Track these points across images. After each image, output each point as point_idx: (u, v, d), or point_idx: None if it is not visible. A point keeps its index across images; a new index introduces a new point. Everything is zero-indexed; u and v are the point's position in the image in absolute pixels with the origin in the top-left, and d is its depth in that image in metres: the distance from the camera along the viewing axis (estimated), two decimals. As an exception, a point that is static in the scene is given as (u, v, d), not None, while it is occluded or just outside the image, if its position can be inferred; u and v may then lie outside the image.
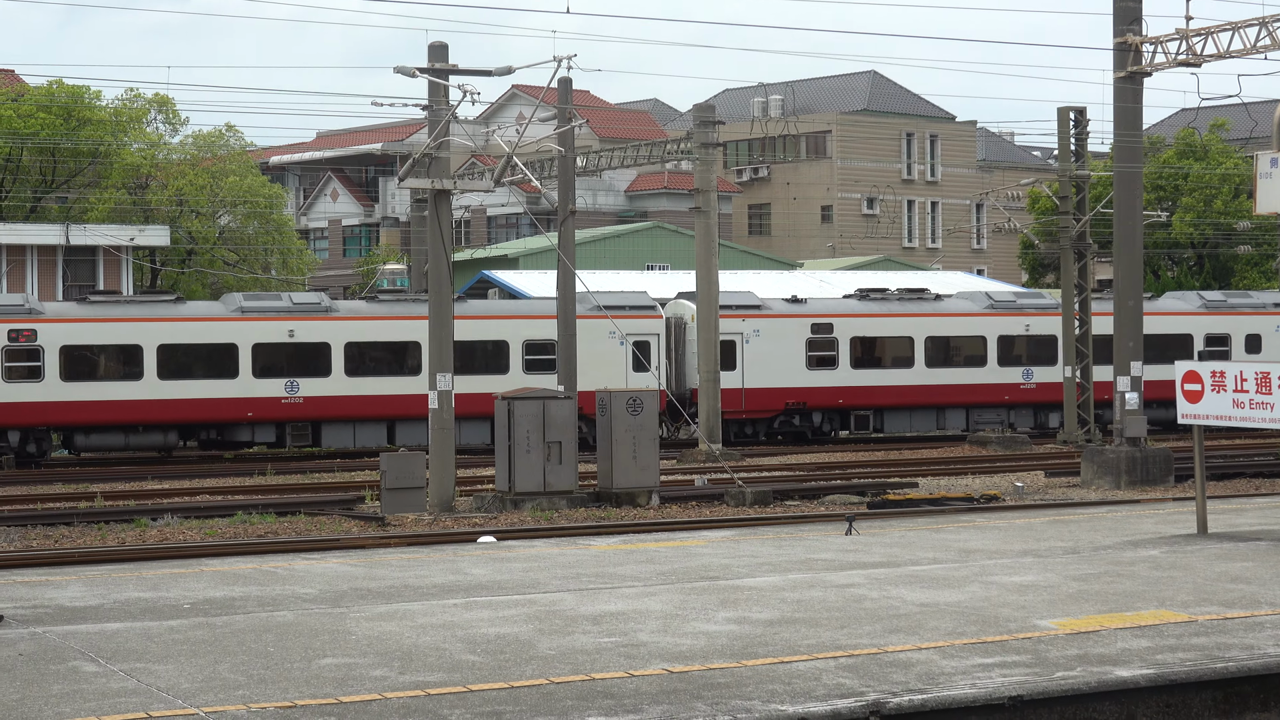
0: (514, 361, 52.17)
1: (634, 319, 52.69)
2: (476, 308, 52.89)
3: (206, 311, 50.20)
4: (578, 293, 52.64)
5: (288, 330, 49.49)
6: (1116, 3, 38.83)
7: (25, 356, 47.53)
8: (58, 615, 17.05)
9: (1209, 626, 15.69)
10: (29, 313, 47.69)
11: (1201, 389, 23.71)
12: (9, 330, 47.32)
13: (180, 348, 48.99)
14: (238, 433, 50.06)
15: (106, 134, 66.50)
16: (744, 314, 54.68)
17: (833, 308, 56.63)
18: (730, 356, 53.95)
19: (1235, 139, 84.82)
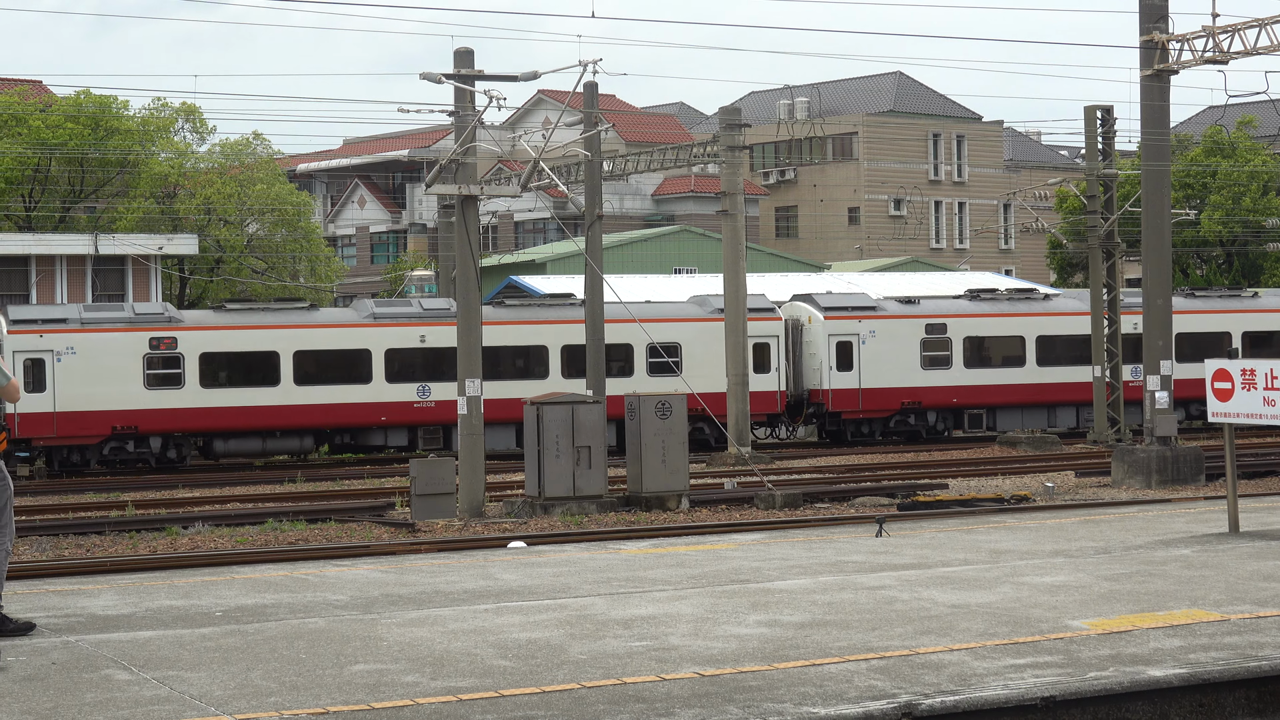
0: (638, 364, 53.26)
1: (755, 321, 53.36)
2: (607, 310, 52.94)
3: (340, 318, 51.49)
4: (700, 295, 53.92)
5: (419, 335, 50.49)
6: (1143, 1, 38.74)
7: (166, 364, 48.79)
8: (90, 624, 17.08)
9: (1242, 625, 15.62)
10: (169, 321, 48.94)
11: (1232, 387, 23.63)
12: (150, 338, 48.62)
13: (315, 354, 50.02)
14: (370, 436, 51.02)
15: (134, 143, 66.72)
16: (860, 315, 55.65)
17: (946, 308, 57.37)
18: (847, 357, 55.12)
19: (1263, 136, 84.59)
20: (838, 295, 58.04)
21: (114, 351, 48.22)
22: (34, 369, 47.71)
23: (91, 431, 48.31)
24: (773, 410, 55.03)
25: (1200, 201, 79.53)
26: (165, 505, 37.59)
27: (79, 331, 48.35)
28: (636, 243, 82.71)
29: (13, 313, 48.92)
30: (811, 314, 55.77)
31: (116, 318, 49.02)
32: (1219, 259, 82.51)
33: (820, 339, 55.47)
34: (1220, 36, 37.66)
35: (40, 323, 48.27)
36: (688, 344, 53.12)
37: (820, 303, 56.38)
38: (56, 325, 48.12)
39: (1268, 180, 78.22)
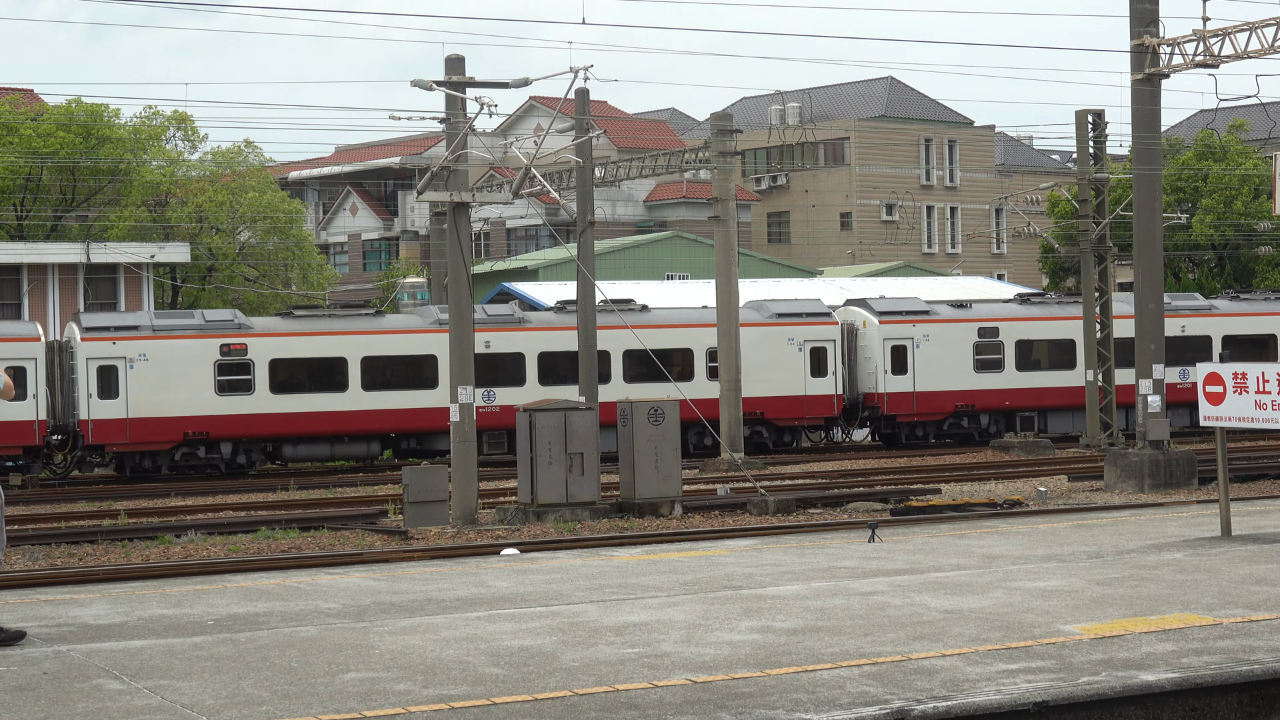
0: (699, 369, 53.98)
1: (811, 325, 54.73)
2: (660, 316, 54.37)
3: (406, 324, 52.04)
4: (757, 301, 54.79)
5: (484, 341, 50.37)
6: (1133, 5, 38.77)
7: (236, 370, 49.29)
8: (81, 633, 17.06)
9: (1234, 629, 15.63)
10: (238, 327, 49.49)
11: (1223, 390, 23.64)
12: (221, 345, 49.18)
13: (382, 360, 50.49)
14: (436, 441, 51.07)
15: (126, 152, 66.68)
16: (914, 319, 56.30)
17: (997, 312, 57.95)
18: (902, 361, 55.75)
19: (1254, 139, 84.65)
20: (892, 300, 58.78)
21: (186, 358, 48.85)
22: (107, 375, 48.30)
23: (164, 437, 48.91)
24: (829, 413, 55.81)
25: (1192, 205, 79.58)
26: (158, 514, 37.56)
27: (151, 339, 48.89)
28: (629, 249, 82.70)
29: (85, 320, 49.48)
30: (866, 318, 56.44)
31: (188, 325, 49.62)
32: (1211, 263, 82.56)
33: (875, 343, 56.09)
34: (1211, 40, 37.68)
35: (113, 330, 48.73)
36: (746, 348, 53.28)
37: (875, 307, 57.10)
38: (129, 332, 48.57)
39: (1259, 184, 78.25)
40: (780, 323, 54.25)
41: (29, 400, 47.06)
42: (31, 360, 47.45)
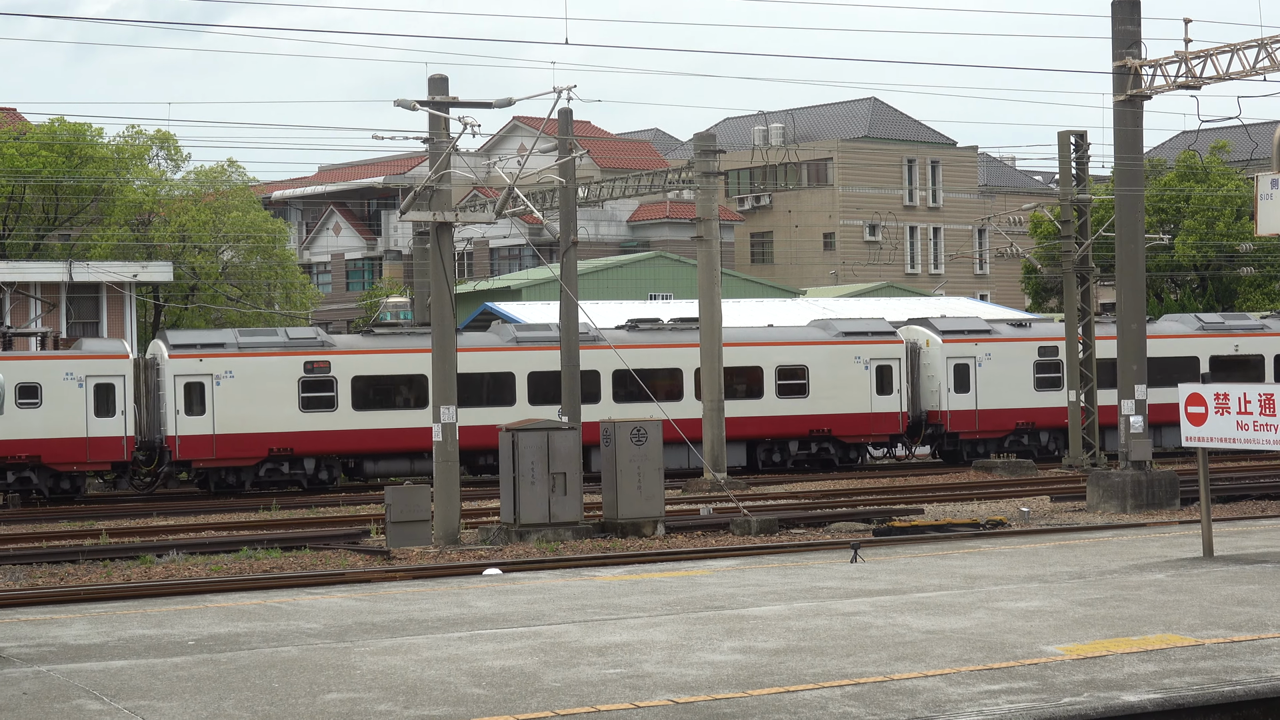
0: (768, 387, 54.57)
1: (876, 344, 55.47)
2: (732, 335, 54.43)
3: (483, 342, 52.50)
4: (823, 319, 55.67)
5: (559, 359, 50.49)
6: (1115, 26, 38.86)
7: (320, 387, 49.76)
8: (62, 653, 17.02)
9: (1216, 650, 15.64)
10: (322, 345, 49.98)
11: (1205, 411, 23.68)
12: (305, 362, 49.78)
13: (461, 377, 49.69)
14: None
15: (109, 171, 66.60)
16: (976, 338, 57.00)
17: (1057, 331, 58.25)
18: (965, 379, 56.48)
19: (1236, 161, 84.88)
20: (954, 319, 59.59)
21: (271, 375, 49.36)
22: (194, 392, 48.89)
23: (249, 453, 49.45)
24: (894, 430, 56.38)
25: (1174, 226, 79.73)
26: (139, 534, 37.47)
27: (237, 356, 49.43)
28: (612, 268, 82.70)
29: (173, 337, 50.05)
30: (929, 337, 57.11)
31: (272, 342, 50.19)
32: (1193, 283, 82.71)
33: (939, 361, 56.73)
34: (1193, 62, 37.77)
35: (199, 347, 49.31)
36: (814, 366, 54.73)
37: (938, 326, 57.82)
38: (215, 350, 49.16)
39: (1241, 205, 78.41)
40: (847, 341, 55.19)
41: (117, 416, 47.93)
42: (120, 377, 48.23)
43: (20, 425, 46.85)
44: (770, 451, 54.93)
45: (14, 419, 46.67)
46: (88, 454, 47.84)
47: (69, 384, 47.57)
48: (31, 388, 47.50)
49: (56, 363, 48.11)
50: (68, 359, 48.33)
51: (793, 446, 55.12)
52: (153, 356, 49.97)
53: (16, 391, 47.00)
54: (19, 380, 47.07)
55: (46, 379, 47.66)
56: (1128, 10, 38.82)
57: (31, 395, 47.49)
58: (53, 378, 47.70)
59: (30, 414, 47.31)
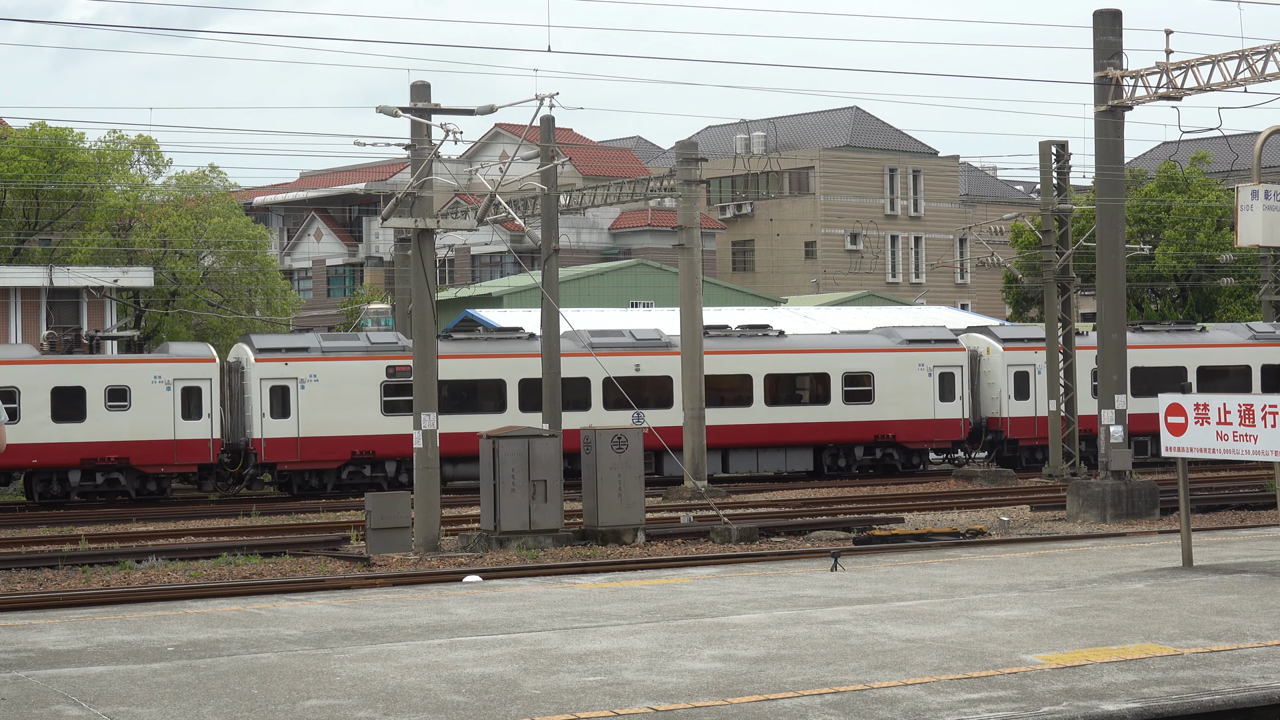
0: (835, 393, 55.54)
1: (939, 351, 56.56)
2: (800, 342, 56.26)
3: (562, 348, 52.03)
4: (886, 327, 56.96)
5: (634, 365, 52.41)
6: (1097, 37, 38.95)
7: (402, 391, 49.68)
8: (40, 659, 16.97)
9: (1195, 659, 15.67)
10: (403, 349, 50.37)
11: (1185, 421, 23.72)
12: (387, 366, 50.53)
13: (538, 382, 50.75)
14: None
15: (90, 176, 66.46)
16: (1036, 346, 57.71)
17: None
18: (1024, 386, 57.49)
19: (1217, 171, 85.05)
20: (1014, 327, 61.02)
21: (354, 379, 49.96)
22: (279, 395, 49.73)
23: (332, 456, 50.17)
24: (957, 436, 57.29)
25: (1154, 236, 79.86)
26: (119, 539, 37.39)
27: (321, 360, 50.14)
28: (593, 276, 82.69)
29: (258, 341, 50.83)
30: (990, 345, 58.10)
31: (355, 346, 50.89)
32: (1173, 294, 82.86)
33: (999, 368, 57.69)
34: (1174, 73, 37.87)
35: (284, 351, 50.10)
36: (880, 373, 55.63)
37: (998, 334, 58.85)
38: (300, 354, 49.91)
39: (1221, 215, 78.58)
40: (911, 349, 56.13)
41: (204, 419, 48.78)
42: (207, 381, 49.03)
43: (110, 427, 47.88)
44: (835, 456, 56.04)
45: (103, 421, 47.83)
46: (175, 456, 48.76)
47: (157, 387, 48.38)
48: (121, 390, 48.36)
49: (145, 366, 48.98)
50: (156, 362, 49.24)
51: (858, 452, 56.17)
52: (236, 360, 50.85)
53: (106, 394, 48.08)
54: (108, 383, 48.14)
55: (135, 382, 48.48)
56: (1109, 21, 38.92)
57: (120, 398, 48.34)
58: (141, 381, 48.52)
59: (119, 416, 48.16)
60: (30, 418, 47.21)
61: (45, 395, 47.69)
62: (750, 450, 53.61)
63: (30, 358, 48.41)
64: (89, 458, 47.97)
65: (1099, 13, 39.00)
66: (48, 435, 47.46)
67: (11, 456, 46.49)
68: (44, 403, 47.63)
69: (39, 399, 47.57)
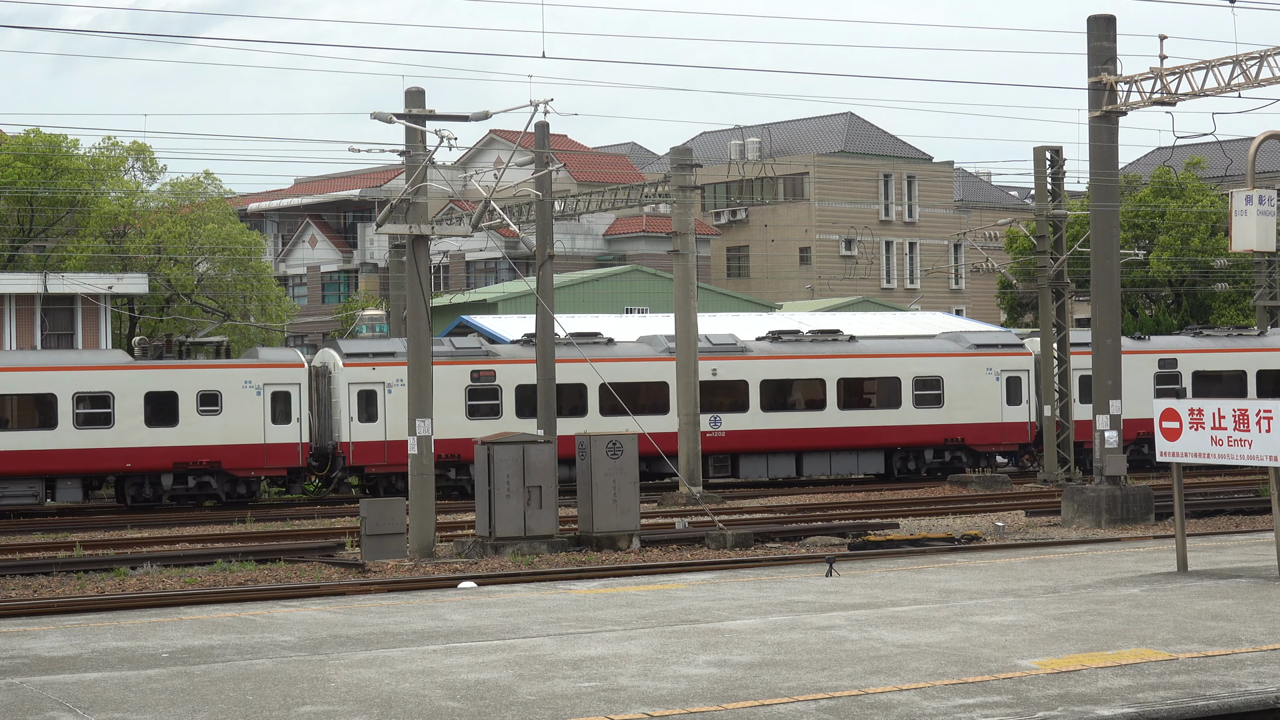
0: (905, 397, 56.20)
1: (1006, 356, 57.23)
2: (871, 346, 56.93)
3: (639, 352, 54.07)
4: (954, 332, 57.74)
5: (711, 369, 52.75)
6: (1091, 42, 38.96)
7: (486, 395, 51.39)
8: (35, 665, 16.96)
9: (1190, 664, 15.67)
10: (486, 354, 51.65)
11: (1180, 427, 23.73)
12: (472, 371, 51.36)
13: (617, 386, 51.19)
14: (663, 465, 52.34)
15: (84, 182, 66.39)
16: None
17: (1175, 344, 60.05)
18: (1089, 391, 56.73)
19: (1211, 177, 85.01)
20: (1075, 332, 60.25)
21: (440, 383, 49.46)
22: (367, 400, 50.51)
23: None
24: (1024, 440, 57.75)
25: (1149, 242, 79.85)
26: (114, 546, 37.35)
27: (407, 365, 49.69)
28: (588, 282, 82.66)
29: (345, 347, 51.60)
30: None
31: (440, 351, 50.95)
32: (1168, 299, 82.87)
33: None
34: (1168, 78, 37.89)
35: (371, 356, 50.81)
36: (949, 377, 56.17)
37: None
38: (386, 358, 50.45)
39: (1215, 221, 78.56)
40: (979, 353, 56.76)
41: (293, 424, 49.34)
42: (296, 385, 49.58)
43: (201, 432, 48.54)
44: (905, 459, 56.64)
45: (195, 425, 48.53)
46: (265, 459, 49.36)
47: (247, 392, 48.98)
48: (212, 395, 48.98)
49: (236, 371, 49.59)
50: (246, 367, 49.84)
51: (927, 455, 56.70)
52: (323, 365, 51.45)
53: (198, 399, 48.75)
54: (200, 388, 48.76)
55: (226, 387, 49.09)
56: (1103, 27, 38.93)
57: (212, 403, 48.95)
58: (232, 386, 49.13)
59: (210, 421, 48.80)
60: (124, 422, 48.02)
61: (139, 400, 48.34)
62: (824, 453, 54.54)
63: (124, 363, 49.12)
64: (181, 461, 48.65)
65: (1093, 18, 39.02)
66: (141, 440, 48.18)
67: (106, 461, 47.76)
68: (137, 407, 48.29)
69: (133, 404, 48.22)
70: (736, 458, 53.56)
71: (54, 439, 47.42)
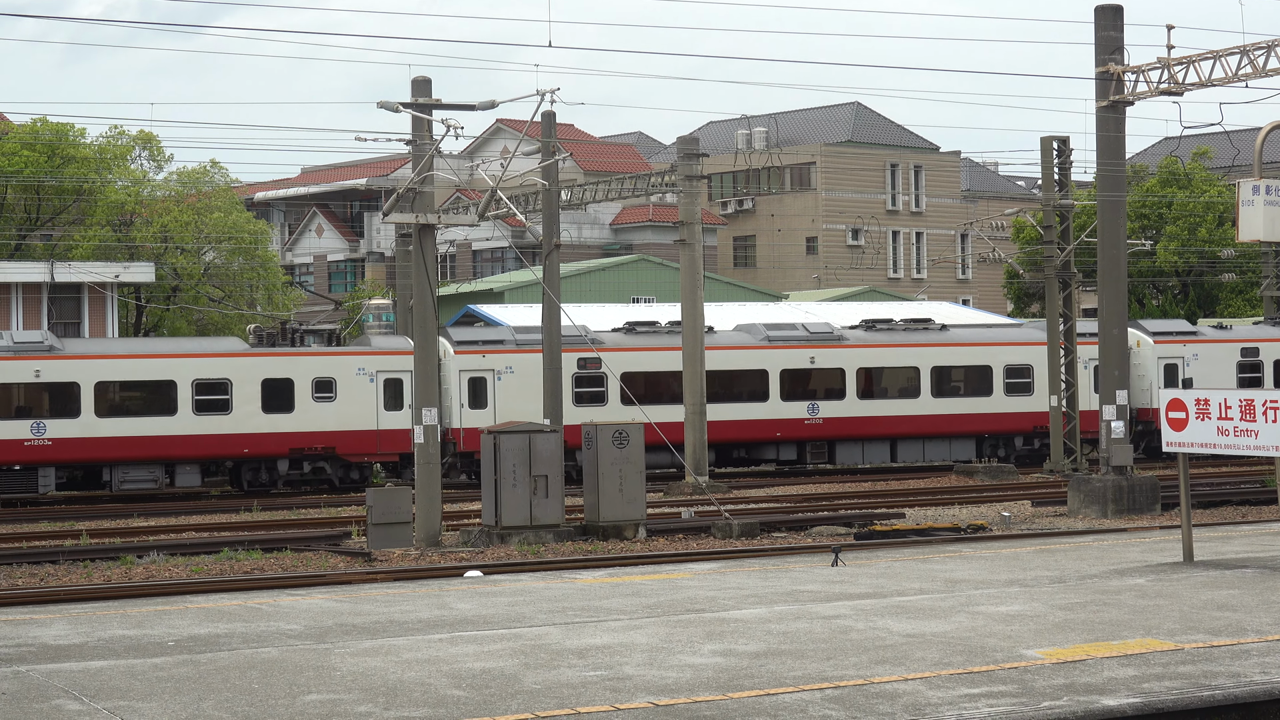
0: (997, 385, 57.27)
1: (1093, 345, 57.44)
2: (963, 335, 58.09)
3: (736, 340, 55.03)
4: (1040, 321, 58.51)
5: (809, 357, 54.33)
6: (1099, 32, 38.92)
7: (591, 382, 52.38)
8: (41, 653, 16.98)
9: (1195, 654, 15.67)
10: (592, 342, 51.29)
11: (1186, 417, 23.71)
12: (578, 359, 51.95)
13: (718, 374, 52.97)
14: (764, 451, 54.95)
15: (91, 171, 66.42)
16: (1184, 339, 59.57)
17: (1257, 333, 61.00)
18: (1173, 377, 58.92)
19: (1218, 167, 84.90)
20: (1164, 320, 62.39)
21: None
22: (477, 387, 51.58)
23: None
24: None
25: (1156, 232, 79.79)
26: (120, 534, 37.40)
27: (515, 352, 51.70)
28: (594, 271, 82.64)
29: (455, 334, 52.49)
30: (1141, 338, 58.87)
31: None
32: (1175, 289, 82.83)
33: (1150, 361, 58.80)
34: (1175, 68, 37.85)
35: (481, 344, 51.86)
36: (1039, 366, 56.59)
37: (1148, 328, 59.93)
38: (495, 346, 51.54)
39: (1223, 211, 78.52)
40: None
41: (405, 410, 49.92)
42: (407, 373, 49.80)
43: (316, 418, 49.43)
44: (995, 446, 57.39)
45: (310, 412, 49.46)
46: (378, 445, 50.21)
47: (361, 379, 49.80)
48: (327, 382, 49.87)
49: (350, 359, 50.50)
50: (360, 355, 50.74)
51: (1017, 442, 57.45)
52: None
53: (313, 386, 49.66)
54: (315, 375, 49.63)
55: (340, 374, 50.06)
56: (1111, 16, 38.89)
57: (327, 390, 49.86)
58: (346, 373, 50.09)
59: (325, 407, 49.71)
60: (241, 409, 48.96)
61: (256, 387, 49.23)
62: (917, 440, 55.56)
63: (241, 350, 49.96)
64: (297, 447, 49.63)
65: (1100, 8, 38.97)
66: (258, 426, 49.15)
67: (224, 446, 48.84)
68: (255, 394, 49.18)
69: (250, 391, 49.13)
70: (833, 444, 54.70)
71: (174, 425, 48.44)
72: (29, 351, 47.82)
